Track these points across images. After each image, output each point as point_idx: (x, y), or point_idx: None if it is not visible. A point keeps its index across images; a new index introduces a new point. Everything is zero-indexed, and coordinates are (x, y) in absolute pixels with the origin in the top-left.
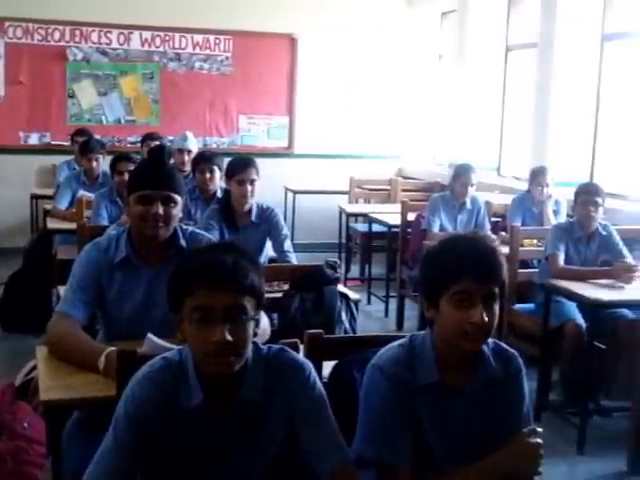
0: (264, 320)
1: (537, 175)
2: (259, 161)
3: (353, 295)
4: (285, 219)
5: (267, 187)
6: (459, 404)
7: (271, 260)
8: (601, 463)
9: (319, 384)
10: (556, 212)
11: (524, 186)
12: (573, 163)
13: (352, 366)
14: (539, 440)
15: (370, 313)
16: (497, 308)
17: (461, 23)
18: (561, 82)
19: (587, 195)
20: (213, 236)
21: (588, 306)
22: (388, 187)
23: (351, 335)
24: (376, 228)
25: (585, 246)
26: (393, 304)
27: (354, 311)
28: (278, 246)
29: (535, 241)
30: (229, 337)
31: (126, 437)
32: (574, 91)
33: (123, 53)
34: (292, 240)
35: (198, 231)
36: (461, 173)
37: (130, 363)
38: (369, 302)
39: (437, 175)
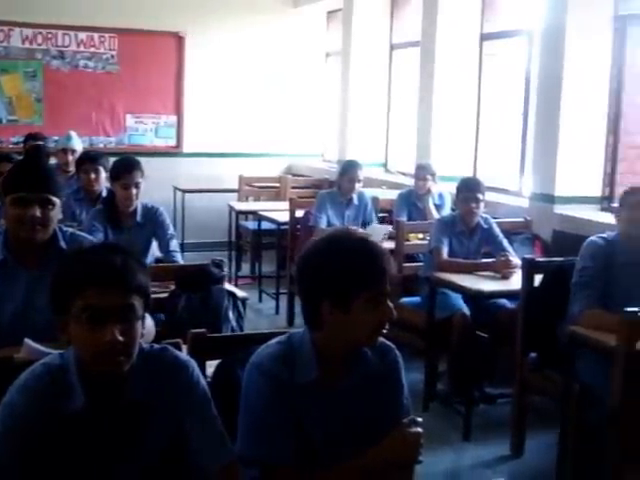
0: (148, 321)
1: (419, 170)
2: (147, 160)
3: (240, 293)
4: (175, 219)
5: (156, 187)
6: (340, 400)
7: (157, 260)
8: (486, 448)
9: (203, 383)
10: (440, 206)
11: (410, 182)
12: (457, 158)
13: (236, 365)
14: (419, 429)
15: (261, 311)
16: None
17: (346, 21)
18: (443, 79)
19: (468, 191)
20: (97, 238)
21: (471, 297)
22: (277, 185)
23: (235, 333)
24: (266, 226)
25: (468, 239)
26: (284, 301)
27: (241, 309)
28: (164, 246)
29: (420, 235)
30: (120, 337)
31: (8, 451)
32: (456, 88)
33: (3, 51)
34: (182, 240)
35: (79, 233)
36: (347, 169)
37: (7, 370)
38: (260, 300)
39: (326, 172)
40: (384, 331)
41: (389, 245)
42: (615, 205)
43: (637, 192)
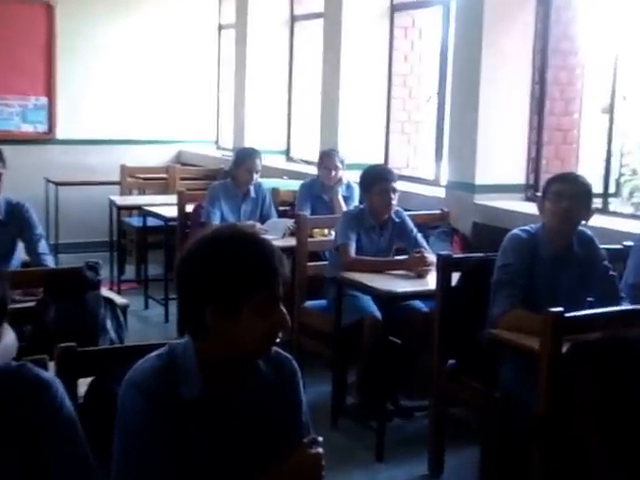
0: (8, 335)
1: (325, 158)
2: (13, 149)
3: (120, 300)
4: (47, 216)
5: (23, 179)
6: (230, 418)
7: (24, 264)
8: (402, 469)
9: (68, 404)
10: (348, 198)
11: (315, 171)
12: (366, 144)
13: (113, 382)
14: (320, 450)
15: (149, 319)
16: None
17: None
18: (350, 55)
19: (384, 181)
20: None
21: (382, 299)
22: (165, 176)
23: (114, 346)
24: (152, 222)
25: (378, 234)
26: (174, 307)
27: (121, 318)
28: (32, 248)
29: (326, 231)
30: None
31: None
32: (364, 65)
33: None
34: (56, 240)
35: None
36: (244, 158)
37: None
38: (147, 307)
39: (220, 161)
40: (277, 340)
41: (291, 242)
42: (539, 194)
43: (562, 180)
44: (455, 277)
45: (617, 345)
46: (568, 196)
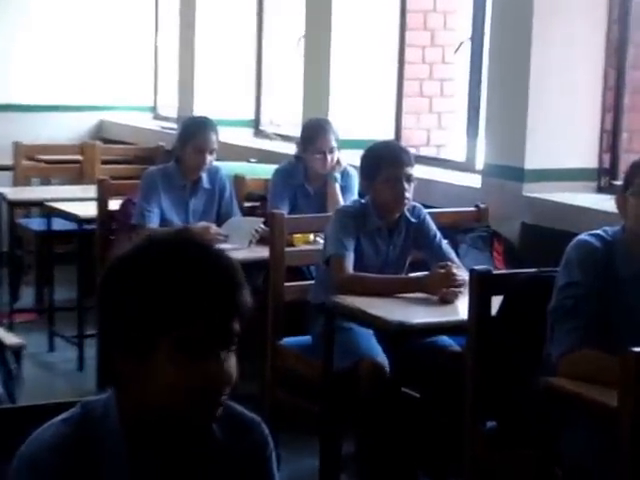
0: None
1: (315, 134)
2: None
3: (11, 338)
4: None
5: None
6: None
7: None
8: None
9: None
10: (344, 189)
11: (295, 150)
12: (367, 112)
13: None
14: None
15: (55, 366)
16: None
17: None
18: None
19: (393, 166)
20: None
21: (390, 334)
22: (79, 157)
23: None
24: (60, 225)
25: (386, 241)
26: (93, 347)
27: (12, 365)
28: None
29: (312, 236)
30: None
31: None
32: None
33: None
34: None
35: None
36: (193, 133)
37: None
38: (52, 348)
39: (159, 136)
40: (218, 401)
41: (261, 253)
42: (618, 184)
43: None
44: (496, 302)
45: None
46: None
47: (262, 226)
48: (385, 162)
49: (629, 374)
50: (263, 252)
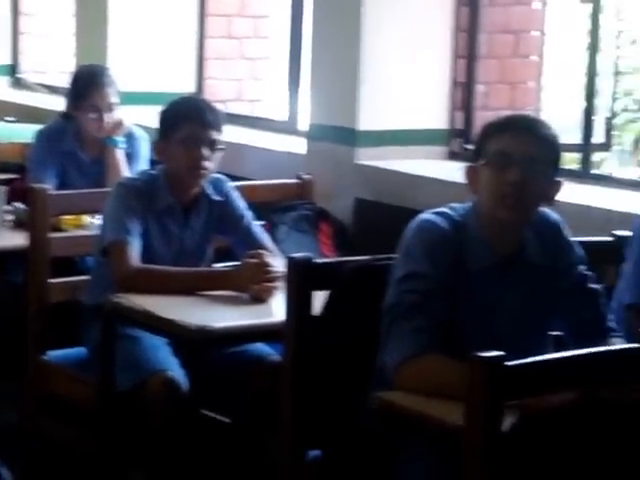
0: None
1: (87, 86)
2: None
3: None
4: None
5: None
6: None
7: None
8: None
9: None
10: (130, 156)
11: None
12: (161, 58)
13: None
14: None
15: None
16: None
17: None
18: None
19: (194, 125)
20: None
21: (188, 342)
22: None
23: None
24: None
25: (181, 224)
26: None
27: None
28: None
29: (87, 218)
30: None
31: None
32: None
33: None
34: None
35: None
36: None
37: None
38: None
39: None
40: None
41: (15, 240)
42: (472, 148)
43: (507, 128)
44: (321, 298)
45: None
46: (519, 159)
47: (17, 206)
48: (183, 119)
49: (477, 385)
50: (18, 239)
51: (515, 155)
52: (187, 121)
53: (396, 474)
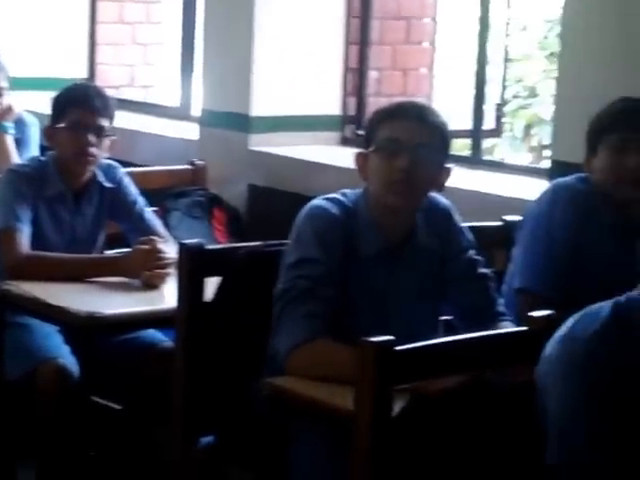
0: None
1: None
2: None
3: None
4: None
5: None
6: None
7: None
8: None
9: None
10: (20, 142)
11: None
12: (50, 41)
13: None
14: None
15: None
16: None
17: None
18: None
19: (81, 110)
20: None
21: (76, 330)
22: None
23: None
24: None
25: (72, 211)
26: None
27: None
28: None
29: None
30: None
31: None
32: None
33: None
34: None
35: None
36: None
37: None
38: None
39: None
40: None
41: None
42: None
43: (394, 115)
44: (214, 284)
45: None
46: (408, 146)
47: None
48: (70, 105)
49: (367, 369)
50: None
51: (404, 142)
52: (74, 107)
53: (289, 459)
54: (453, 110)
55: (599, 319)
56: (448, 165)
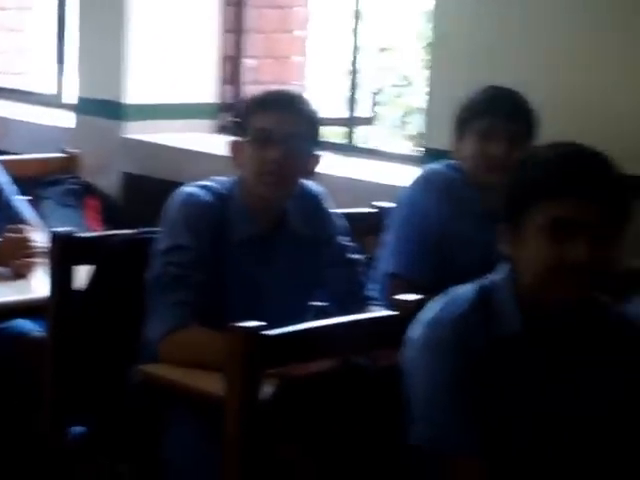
0: None
1: None
2: None
3: None
4: None
5: None
6: None
7: None
8: None
9: None
10: None
11: None
12: None
13: None
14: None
15: None
16: None
17: None
18: None
19: None
20: None
21: None
22: None
23: None
24: None
25: None
26: None
27: None
28: None
29: None
30: None
31: None
32: None
33: None
34: None
35: None
36: None
37: None
38: None
39: None
40: None
41: None
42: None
43: (265, 105)
44: (85, 273)
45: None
46: (279, 136)
47: None
48: None
49: (235, 354)
50: None
51: (275, 133)
52: None
53: (163, 446)
54: (329, 98)
55: (465, 302)
56: (318, 152)
